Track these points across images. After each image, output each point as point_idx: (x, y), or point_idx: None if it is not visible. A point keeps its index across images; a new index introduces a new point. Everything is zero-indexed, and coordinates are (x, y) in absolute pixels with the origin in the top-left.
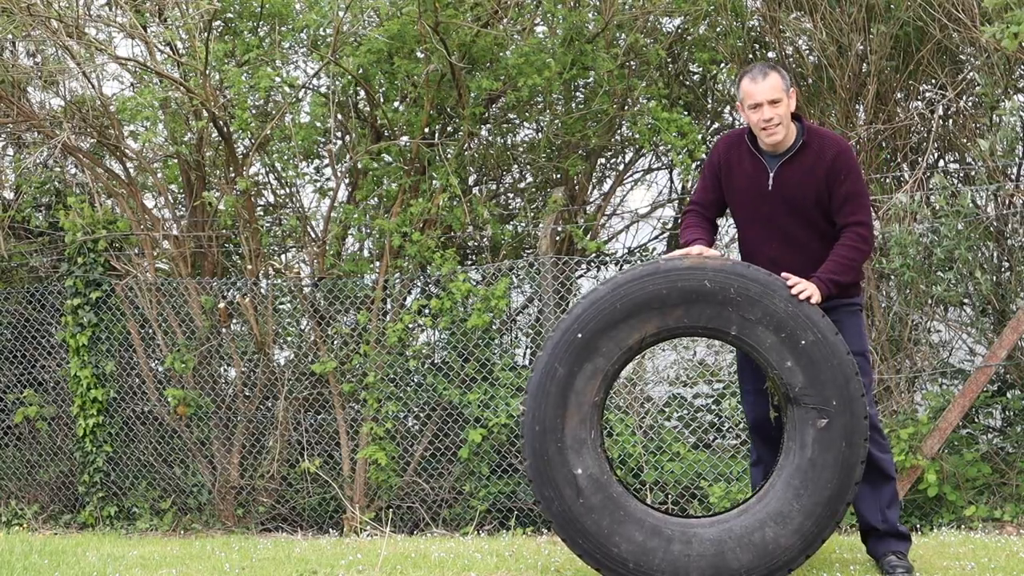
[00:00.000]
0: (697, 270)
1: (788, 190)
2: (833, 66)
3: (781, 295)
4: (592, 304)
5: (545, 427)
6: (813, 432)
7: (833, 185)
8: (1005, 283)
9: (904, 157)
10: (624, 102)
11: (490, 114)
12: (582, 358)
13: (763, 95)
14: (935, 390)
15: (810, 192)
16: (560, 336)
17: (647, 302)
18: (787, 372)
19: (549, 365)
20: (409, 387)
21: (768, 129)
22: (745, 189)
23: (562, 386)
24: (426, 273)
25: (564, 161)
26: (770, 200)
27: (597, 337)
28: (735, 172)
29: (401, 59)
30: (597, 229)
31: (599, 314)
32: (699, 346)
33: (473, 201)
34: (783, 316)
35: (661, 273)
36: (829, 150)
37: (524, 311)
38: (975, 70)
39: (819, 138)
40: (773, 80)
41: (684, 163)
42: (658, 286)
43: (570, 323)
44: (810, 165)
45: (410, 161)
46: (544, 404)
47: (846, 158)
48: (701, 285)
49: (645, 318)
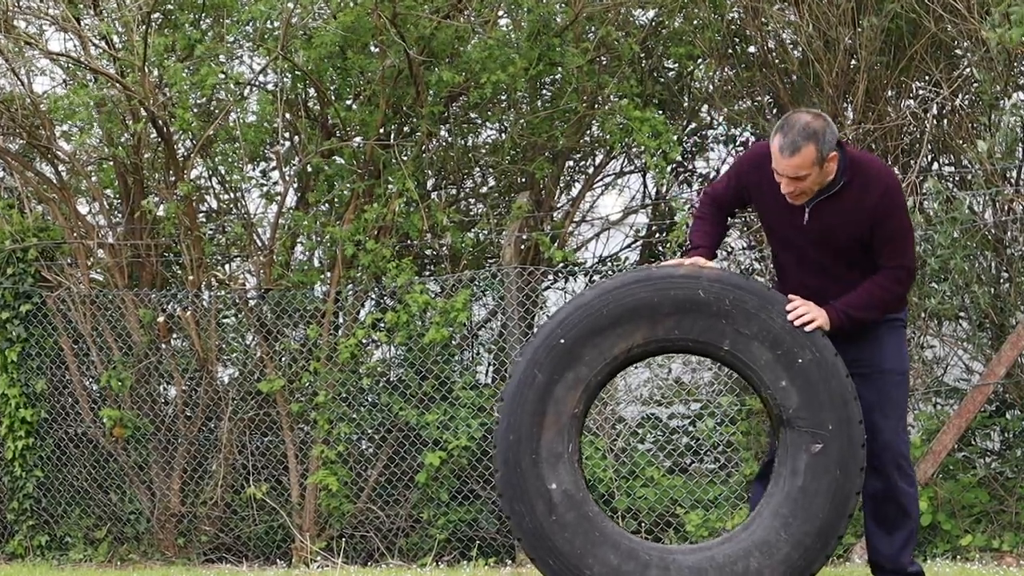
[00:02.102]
0: (691, 279)
1: (827, 230)
2: (820, 61)
3: (779, 310)
4: (577, 309)
5: (520, 436)
6: (806, 457)
7: (876, 226)
8: (1004, 295)
9: (896, 160)
10: (594, 100)
11: (450, 113)
12: (564, 365)
13: (786, 171)
14: (929, 410)
15: (852, 232)
16: (541, 341)
17: (636, 310)
18: (781, 392)
19: (528, 371)
20: (363, 407)
21: (788, 196)
22: (777, 217)
23: (541, 394)
24: (381, 284)
25: (530, 164)
26: (806, 235)
27: (581, 344)
28: (766, 194)
29: (355, 54)
30: (565, 237)
31: (584, 320)
32: (674, 363)
33: (432, 207)
34: (780, 332)
35: (653, 280)
36: (875, 187)
37: (486, 325)
38: (972, 66)
39: (863, 173)
40: (804, 158)
41: (658, 166)
42: (649, 293)
43: (553, 327)
44: (853, 204)
45: (364, 164)
46: (520, 412)
47: (893, 196)
48: (695, 295)
49: (633, 327)
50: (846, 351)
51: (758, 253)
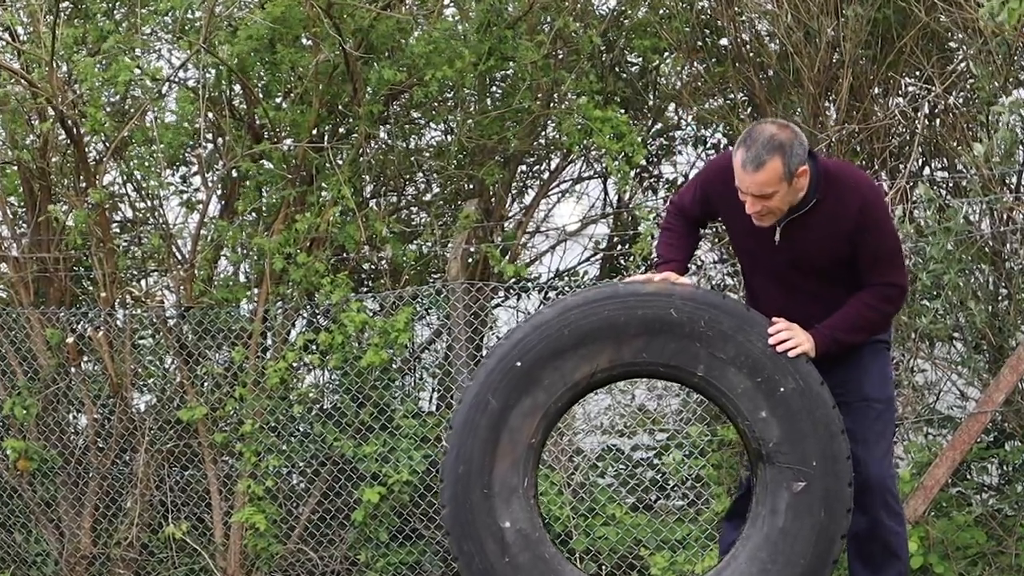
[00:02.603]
0: (662, 296)
1: (799, 250)
2: (799, 55)
3: (760, 332)
4: (535, 329)
5: (471, 468)
6: (787, 496)
7: (859, 243)
8: (1003, 314)
9: (883, 164)
10: (550, 99)
11: (391, 113)
12: (520, 390)
13: (750, 189)
14: (920, 441)
15: (827, 248)
16: (496, 362)
17: (601, 330)
18: (760, 424)
19: (480, 396)
20: (293, 437)
21: (754, 217)
22: (746, 233)
23: (494, 421)
24: (313, 302)
25: (478, 169)
26: (777, 256)
27: (539, 367)
28: (734, 208)
29: (285, 47)
30: (517, 250)
31: (543, 340)
32: (638, 388)
33: (370, 216)
34: (760, 357)
35: (619, 297)
36: (852, 201)
37: (430, 347)
38: (968, 59)
39: (838, 186)
40: (769, 174)
41: (621, 171)
42: (615, 312)
43: (508, 349)
44: (827, 222)
45: (295, 168)
46: (471, 441)
47: (873, 209)
48: (666, 314)
49: (597, 349)
50: (825, 377)
51: (731, 268)
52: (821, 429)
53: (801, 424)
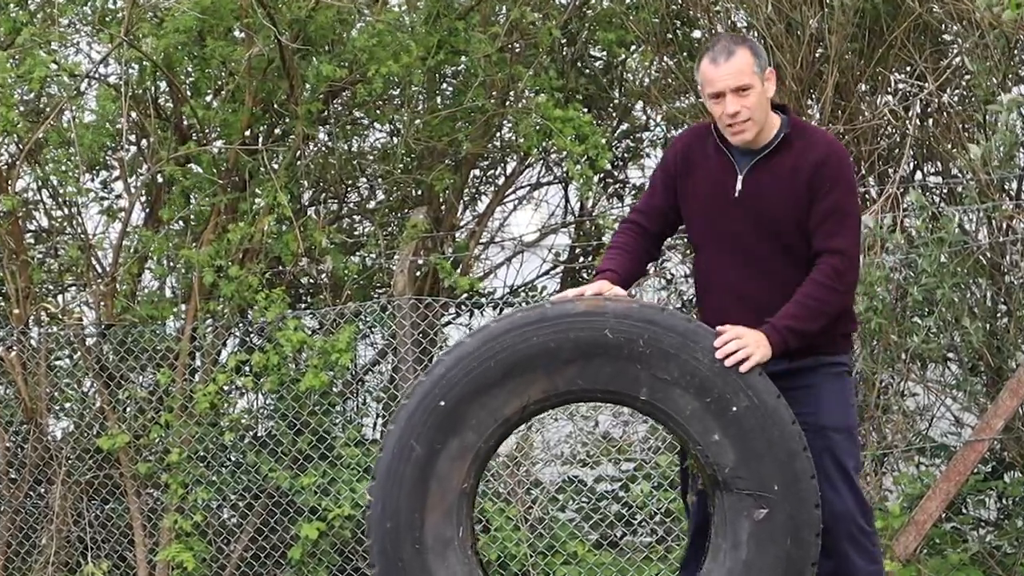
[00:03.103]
0: (595, 316)
1: (760, 200)
2: (780, 49)
3: (705, 347)
4: (458, 362)
5: (399, 523)
6: (748, 525)
7: (815, 194)
8: (1001, 332)
9: (871, 168)
10: (506, 96)
11: (331, 112)
12: (446, 432)
13: (725, 81)
14: (910, 472)
15: (787, 204)
16: (417, 404)
17: (530, 359)
18: (714, 448)
19: (403, 442)
20: (225, 468)
21: (734, 127)
22: (705, 195)
23: (420, 469)
24: (247, 319)
25: (427, 173)
26: (736, 211)
27: (465, 405)
28: (695, 173)
29: (215, 40)
30: (470, 262)
31: (468, 375)
32: (602, 414)
33: (308, 225)
34: (708, 375)
35: (548, 321)
36: (816, 151)
37: (374, 369)
38: (964, 54)
39: (806, 135)
40: (741, 60)
41: (583, 175)
42: (545, 337)
43: (430, 387)
44: (790, 168)
45: (226, 173)
46: (397, 493)
47: (837, 163)
48: (600, 336)
49: (528, 379)
50: None
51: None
52: (780, 449)
53: (758, 445)
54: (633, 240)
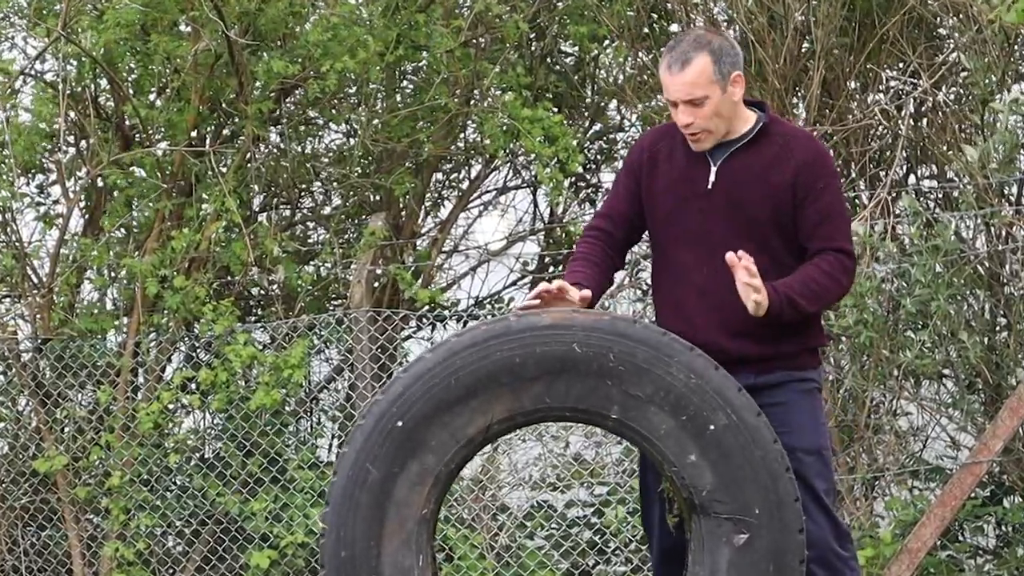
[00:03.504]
0: (562, 329)
1: (737, 191)
2: (763, 43)
3: (681, 362)
4: (418, 379)
5: (355, 552)
6: (728, 552)
7: (804, 197)
8: (1000, 347)
9: (861, 171)
10: (470, 95)
11: (283, 111)
12: (404, 455)
13: (677, 93)
14: (903, 497)
15: (767, 197)
16: (373, 424)
17: (494, 375)
18: (690, 470)
19: (358, 465)
20: (170, 492)
21: (689, 136)
22: (673, 187)
23: (377, 495)
24: (193, 333)
25: (386, 177)
26: (707, 205)
27: (425, 425)
28: (661, 166)
29: (159, 35)
30: (432, 272)
31: (428, 393)
32: (573, 435)
33: (259, 233)
34: (683, 392)
35: (513, 334)
36: (802, 148)
37: (330, 386)
38: (960, 50)
39: (787, 130)
40: (695, 71)
41: (553, 179)
42: (509, 352)
43: (387, 406)
44: (770, 160)
45: (171, 177)
46: (352, 520)
47: (824, 163)
48: (568, 350)
49: (491, 398)
50: None
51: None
52: (762, 470)
53: (738, 466)
54: (599, 250)
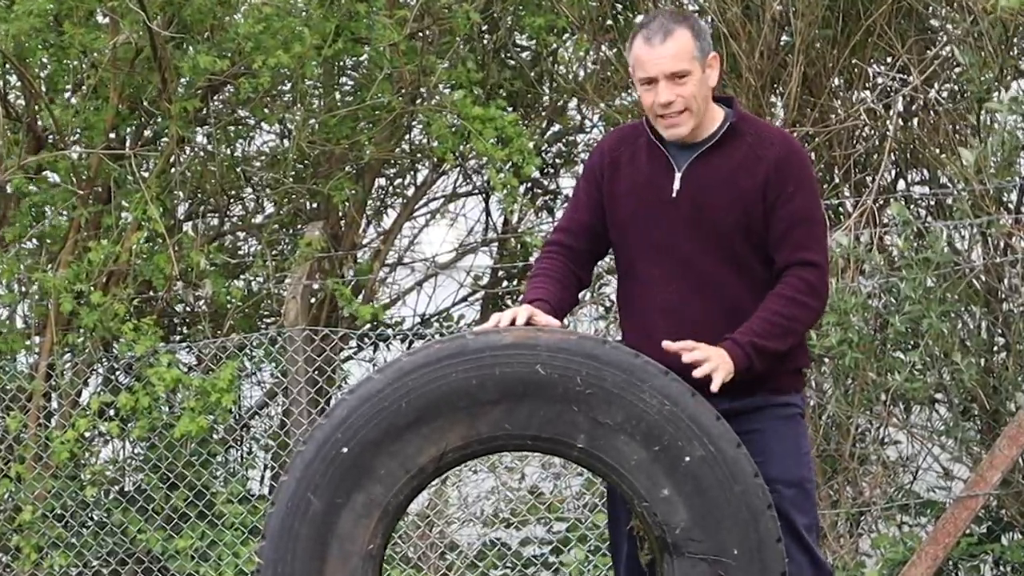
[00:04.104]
0: (524, 350)
1: (704, 199)
2: (737, 36)
3: (654, 387)
4: (364, 402)
5: None
6: None
7: (776, 199)
8: (998, 370)
9: (846, 176)
10: (416, 93)
11: (210, 111)
12: (349, 485)
13: (660, 66)
14: (891, 533)
15: (737, 205)
16: (315, 451)
17: (448, 399)
18: (662, 505)
19: (298, 496)
20: (86, 528)
21: (667, 118)
22: (635, 197)
23: (318, 527)
24: (112, 354)
25: (324, 182)
26: (673, 214)
27: (372, 453)
28: (624, 174)
29: (74, 26)
30: (374, 286)
31: (375, 418)
32: (530, 465)
33: (184, 244)
34: (656, 420)
35: (470, 354)
36: (772, 147)
37: (262, 412)
38: (954, 43)
39: (757, 128)
40: (680, 42)
41: (507, 184)
42: (465, 374)
43: (330, 432)
44: (739, 163)
45: (88, 182)
46: (291, 555)
47: (798, 163)
48: (531, 372)
49: (445, 424)
50: None
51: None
52: (741, 507)
53: (715, 502)
54: (560, 265)
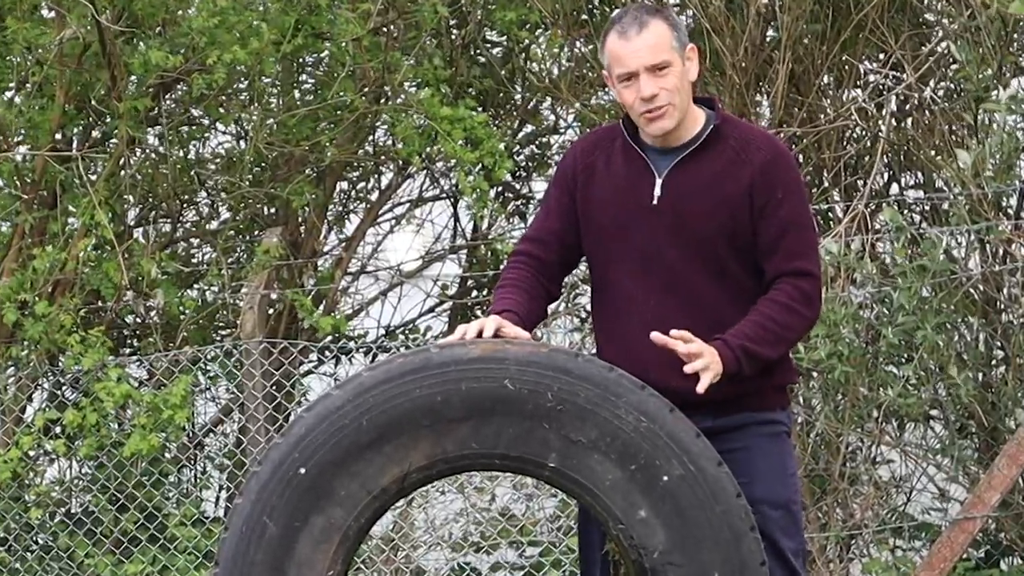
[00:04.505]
0: (492, 363)
1: (685, 207)
2: (720, 32)
3: (630, 403)
4: (323, 420)
5: None
6: None
7: (763, 206)
8: (997, 384)
9: (835, 179)
10: (380, 91)
11: (163, 110)
12: (307, 508)
13: (639, 58)
14: (883, 558)
15: (721, 212)
16: (271, 472)
17: (411, 416)
18: (639, 528)
19: (254, 519)
20: (30, 552)
21: (651, 114)
22: (613, 204)
23: (275, 553)
24: (58, 368)
25: (283, 186)
26: (654, 222)
27: (332, 473)
28: (600, 180)
29: (18, 20)
30: (336, 297)
31: (334, 436)
32: (500, 487)
33: (134, 251)
34: (632, 437)
35: (434, 369)
36: (759, 150)
37: (217, 429)
38: (951, 38)
39: (741, 130)
40: (656, 33)
41: (477, 189)
42: (430, 390)
43: (287, 451)
44: (723, 168)
45: (32, 186)
46: None
47: (786, 167)
48: (499, 387)
49: (408, 442)
50: None
51: None
52: (723, 529)
53: (695, 523)
54: (529, 275)
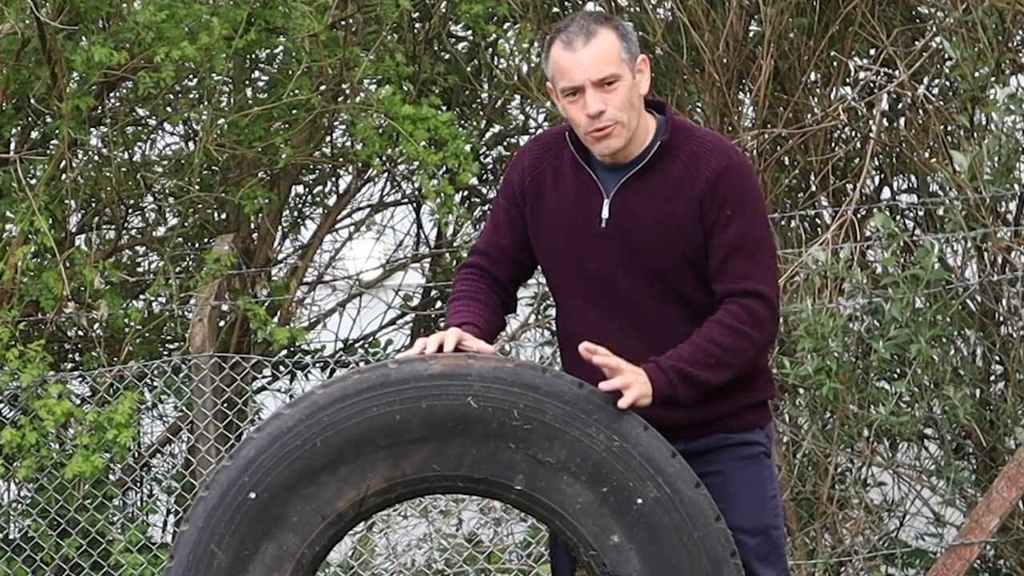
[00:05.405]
0: (455, 379)
1: (635, 229)
2: (699, 26)
3: (601, 420)
4: (274, 441)
5: None
6: None
7: (712, 225)
8: (996, 402)
9: (823, 183)
10: (338, 89)
11: (107, 110)
12: (258, 535)
13: (585, 72)
14: None
15: (672, 233)
16: (220, 497)
17: (368, 436)
18: (612, 553)
19: (201, 547)
20: None
21: (598, 133)
22: (562, 227)
23: None
24: None
25: (234, 191)
26: (604, 246)
27: (284, 498)
28: (548, 197)
29: None
30: (291, 308)
31: (286, 458)
32: (467, 510)
33: (76, 259)
34: (604, 457)
35: (393, 386)
36: (708, 161)
37: (164, 449)
38: (944, 32)
39: (693, 141)
40: (604, 44)
41: (441, 193)
42: (388, 408)
43: (236, 474)
44: (673, 185)
45: None
46: None
47: (738, 177)
48: (462, 405)
49: (365, 464)
50: None
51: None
52: (701, 555)
53: (671, 550)
54: (483, 287)
